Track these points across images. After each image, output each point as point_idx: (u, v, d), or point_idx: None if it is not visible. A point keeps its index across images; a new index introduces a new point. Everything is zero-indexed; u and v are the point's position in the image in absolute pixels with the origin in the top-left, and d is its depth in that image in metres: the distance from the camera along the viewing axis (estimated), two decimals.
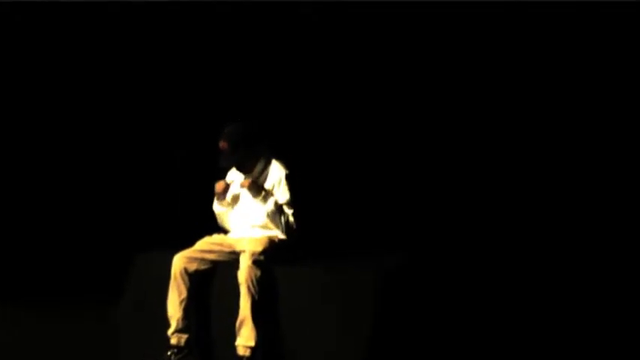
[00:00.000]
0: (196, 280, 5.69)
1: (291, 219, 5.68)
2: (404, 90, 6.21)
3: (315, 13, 6.15)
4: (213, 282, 5.73)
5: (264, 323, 5.44)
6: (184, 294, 5.67)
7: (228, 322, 5.57)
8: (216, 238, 5.88)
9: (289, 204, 5.70)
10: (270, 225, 5.70)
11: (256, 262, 5.47)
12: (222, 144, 5.72)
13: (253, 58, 6.56)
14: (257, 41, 6.52)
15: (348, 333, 5.34)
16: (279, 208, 5.67)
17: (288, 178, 5.73)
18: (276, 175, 5.75)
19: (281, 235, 5.68)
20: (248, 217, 5.79)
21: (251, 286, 5.43)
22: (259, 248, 5.55)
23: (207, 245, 5.79)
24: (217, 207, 5.93)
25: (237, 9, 6.42)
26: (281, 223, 5.65)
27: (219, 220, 5.98)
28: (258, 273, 5.46)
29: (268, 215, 5.67)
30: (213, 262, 5.74)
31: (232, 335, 5.49)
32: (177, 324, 5.65)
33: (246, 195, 5.80)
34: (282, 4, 6.26)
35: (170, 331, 5.65)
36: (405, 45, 6.18)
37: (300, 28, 6.33)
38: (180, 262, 5.69)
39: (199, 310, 5.72)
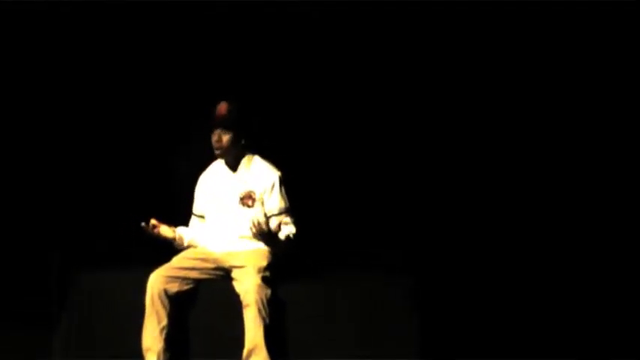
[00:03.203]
0: (177, 303, 4.78)
1: (293, 229, 4.89)
2: (399, 89, 5.72)
3: (315, 10, 5.51)
4: (195, 304, 4.85)
5: (277, 350, 4.65)
6: (165, 320, 4.73)
7: (218, 352, 4.74)
8: (196, 252, 4.95)
9: (288, 212, 4.92)
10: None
11: (265, 280, 4.65)
12: (220, 132, 4.82)
13: (242, 55, 5.76)
14: (251, 38, 5.75)
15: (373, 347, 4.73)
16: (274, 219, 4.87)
17: (282, 181, 4.94)
18: (267, 178, 4.89)
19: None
20: (234, 227, 4.90)
21: (262, 308, 4.58)
22: (264, 263, 4.72)
23: (187, 261, 4.87)
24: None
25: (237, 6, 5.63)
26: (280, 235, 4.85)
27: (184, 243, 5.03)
28: (269, 292, 4.63)
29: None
30: (196, 281, 4.84)
31: None
32: (158, 357, 4.71)
33: (230, 201, 4.94)
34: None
35: None
36: (400, 45, 5.70)
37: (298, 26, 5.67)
38: (158, 282, 4.75)
39: (180, 339, 4.81)
